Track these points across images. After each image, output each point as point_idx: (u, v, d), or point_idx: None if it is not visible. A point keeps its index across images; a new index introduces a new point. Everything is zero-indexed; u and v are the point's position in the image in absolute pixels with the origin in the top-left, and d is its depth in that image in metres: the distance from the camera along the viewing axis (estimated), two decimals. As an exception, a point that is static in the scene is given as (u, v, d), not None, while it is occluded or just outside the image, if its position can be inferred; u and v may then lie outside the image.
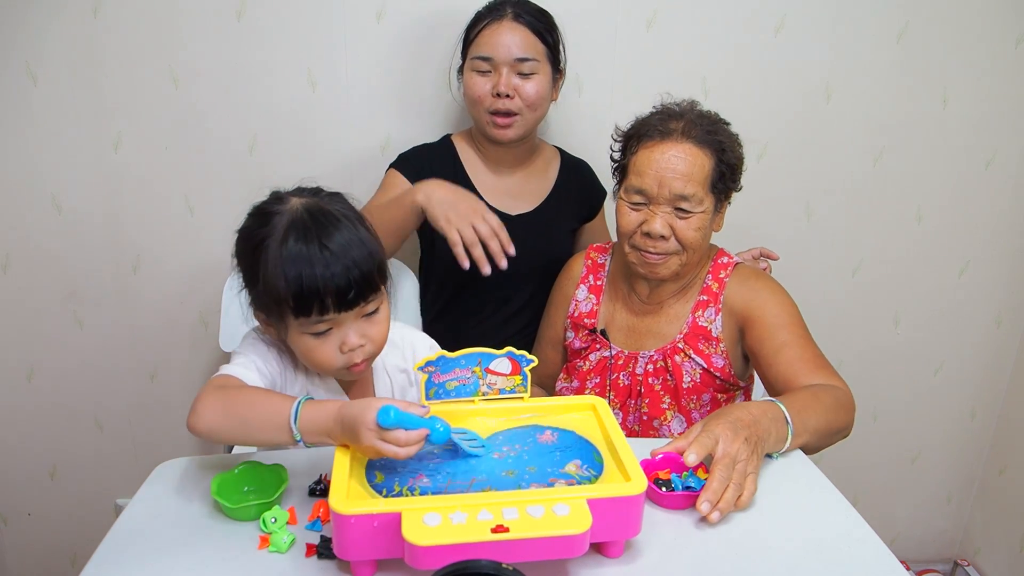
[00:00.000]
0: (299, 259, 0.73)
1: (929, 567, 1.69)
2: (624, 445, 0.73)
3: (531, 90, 1.13)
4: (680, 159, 0.96)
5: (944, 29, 1.33)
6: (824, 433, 0.87)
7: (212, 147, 1.31)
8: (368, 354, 0.81)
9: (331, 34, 1.27)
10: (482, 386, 0.80)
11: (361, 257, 0.75)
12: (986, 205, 1.46)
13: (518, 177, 1.25)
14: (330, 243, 0.74)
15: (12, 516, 1.53)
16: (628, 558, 0.69)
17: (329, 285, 0.73)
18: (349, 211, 0.79)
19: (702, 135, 0.97)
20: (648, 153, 0.97)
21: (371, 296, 0.77)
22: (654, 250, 0.99)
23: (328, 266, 0.73)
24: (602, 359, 1.09)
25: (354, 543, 0.64)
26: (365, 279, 0.75)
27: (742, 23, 1.31)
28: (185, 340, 1.44)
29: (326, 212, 0.77)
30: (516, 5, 1.14)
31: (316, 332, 0.77)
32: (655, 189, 0.97)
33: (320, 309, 0.74)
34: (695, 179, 0.96)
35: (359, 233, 0.77)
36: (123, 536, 0.73)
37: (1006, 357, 1.58)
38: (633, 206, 1.00)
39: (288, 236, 0.74)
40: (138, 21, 1.23)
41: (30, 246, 1.34)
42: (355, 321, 0.78)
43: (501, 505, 0.64)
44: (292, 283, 0.73)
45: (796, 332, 0.98)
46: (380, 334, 0.81)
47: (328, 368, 0.80)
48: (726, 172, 0.98)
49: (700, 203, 0.97)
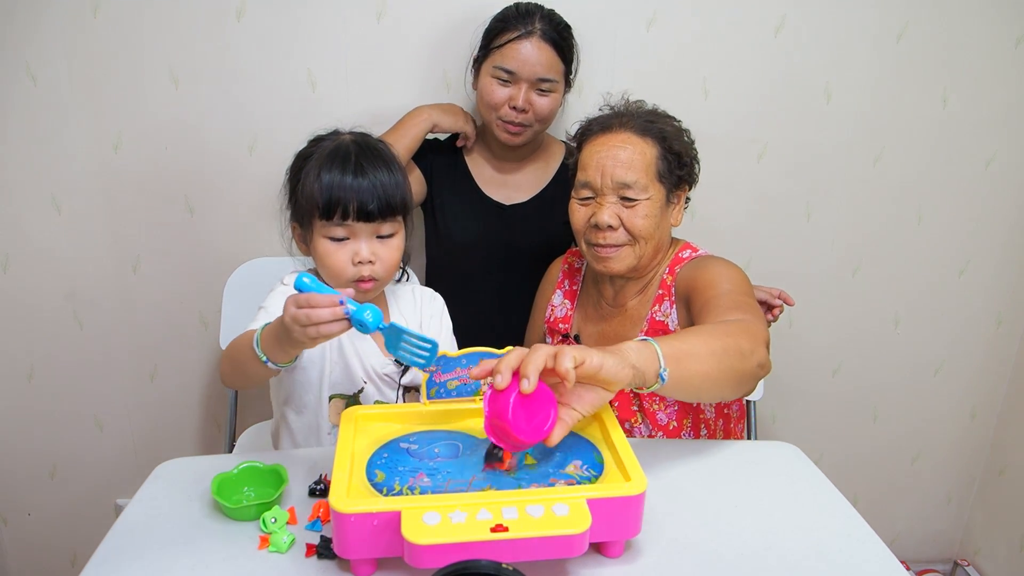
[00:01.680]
0: (335, 168, 0.86)
1: (929, 567, 1.69)
2: (624, 445, 0.73)
3: (545, 107, 1.17)
4: (620, 148, 0.97)
5: (944, 30, 1.33)
6: (714, 351, 0.78)
7: (212, 147, 1.31)
8: (375, 273, 0.89)
9: (331, 34, 1.27)
10: (483, 386, 0.80)
11: (388, 183, 0.87)
12: (986, 205, 1.46)
13: (517, 171, 1.28)
14: (366, 164, 0.87)
15: (12, 516, 1.53)
16: (628, 558, 0.69)
17: (354, 194, 0.85)
18: (391, 156, 0.92)
19: (642, 124, 0.98)
20: (591, 147, 1.00)
21: (389, 218, 0.88)
22: (604, 242, 0.99)
23: (358, 180, 0.86)
24: None
25: (354, 542, 0.64)
26: (387, 200, 0.87)
27: (742, 23, 1.31)
28: (185, 340, 1.44)
29: (372, 145, 0.90)
30: (544, 19, 1.15)
31: (335, 236, 0.88)
32: (598, 180, 0.98)
33: (343, 214, 0.85)
34: (636, 166, 0.97)
35: (392, 168, 0.89)
36: (123, 536, 0.73)
37: (1006, 357, 1.58)
38: (581, 201, 1.01)
39: (333, 153, 0.88)
40: (138, 21, 1.23)
41: (30, 246, 1.34)
42: (370, 238, 0.88)
43: (500, 504, 0.64)
44: (325, 186, 0.85)
45: (731, 287, 0.93)
46: (390, 257, 0.90)
47: (340, 276, 0.89)
48: (672, 161, 0.99)
49: (644, 190, 0.97)
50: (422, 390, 0.79)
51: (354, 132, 0.94)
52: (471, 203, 1.25)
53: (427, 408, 0.80)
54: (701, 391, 0.80)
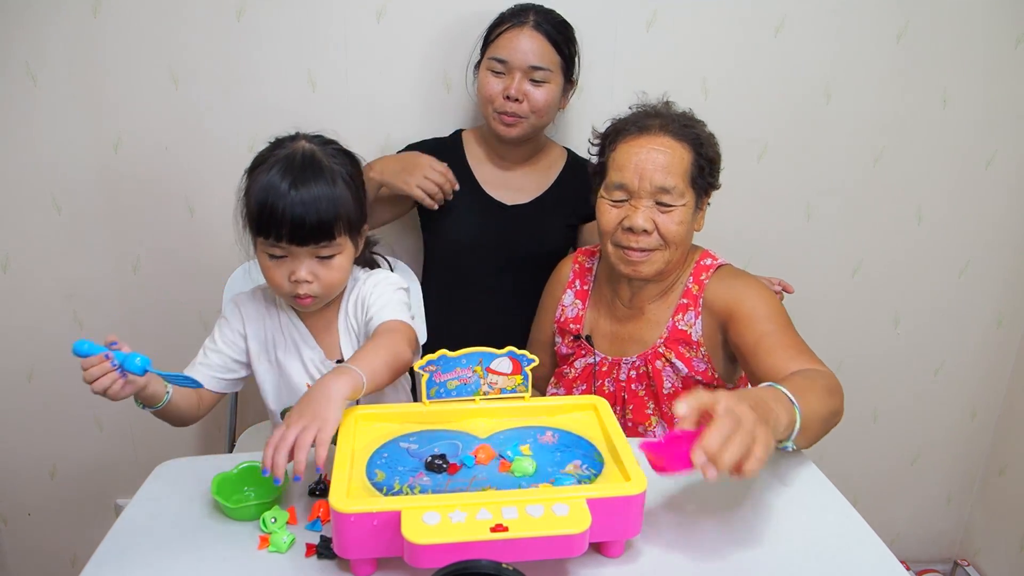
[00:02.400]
0: (271, 188, 0.84)
1: (929, 567, 1.69)
2: (624, 445, 0.73)
3: (540, 98, 1.16)
4: (660, 152, 0.96)
5: (944, 29, 1.33)
6: (824, 416, 0.82)
7: (212, 147, 1.31)
8: (314, 292, 0.88)
9: (331, 34, 1.27)
10: (483, 385, 0.80)
11: (324, 206, 0.84)
12: (986, 205, 1.46)
13: (519, 172, 1.27)
14: (302, 185, 0.84)
15: (12, 516, 1.53)
16: (628, 558, 0.69)
17: (286, 218, 0.83)
18: (342, 168, 0.89)
19: (679, 129, 0.98)
20: (628, 148, 0.98)
21: (325, 241, 0.86)
22: (636, 245, 0.97)
23: (292, 202, 0.83)
24: (587, 366, 1.08)
25: (354, 541, 0.64)
26: (320, 224, 0.84)
27: (742, 23, 1.31)
28: (185, 340, 1.44)
29: (315, 161, 0.87)
30: (539, 13, 1.16)
31: (272, 254, 0.88)
32: (636, 183, 0.96)
33: (276, 235, 0.85)
34: (675, 171, 0.96)
35: (335, 188, 0.86)
36: (123, 536, 0.73)
37: (1006, 357, 1.58)
38: (614, 203, 0.99)
39: (275, 167, 0.85)
40: (138, 21, 1.23)
41: (30, 246, 1.34)
42: (309, 258, 0.87)
43: (500, 504, 0.64)
44: (259, 205, 0.85)
45: (777, 322, 0.95)
46: (330, 278, 0.89)
47: (278, 291, 0.91)
48: (705, 167, 0.98)
49: (681, 196, 0.97)
50: (421, 390, 0.79)
51: (312, 139, 0.90)
52: (472, 201, 1.25)
53: (427, 408, 0.80)
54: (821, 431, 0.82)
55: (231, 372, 0.99)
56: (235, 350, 0.99)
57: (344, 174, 0.88)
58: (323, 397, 0.71)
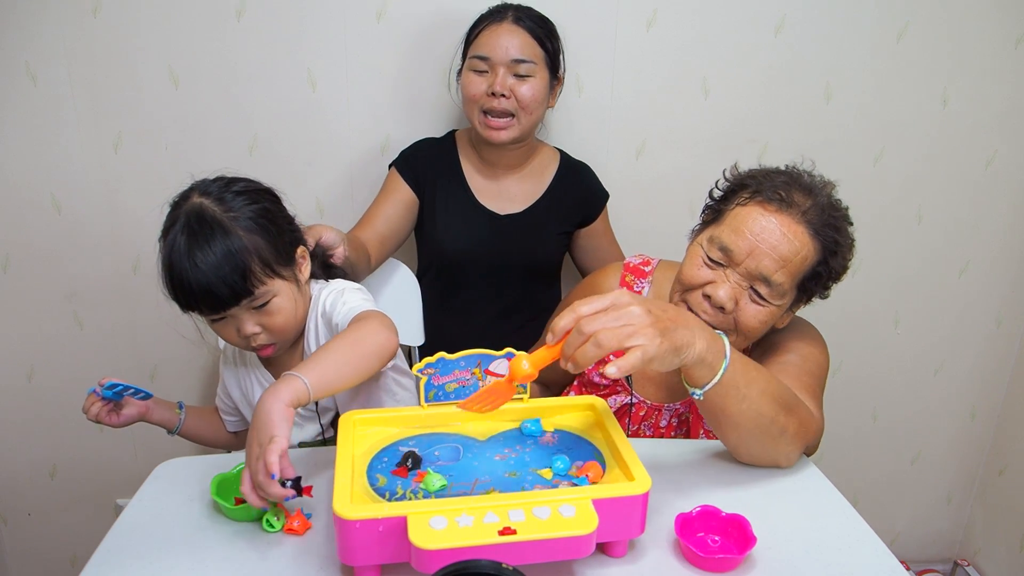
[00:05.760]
0: (175, 262, 0.81)
1: (929, 567, 1.69)
2: (626, 444, 0.73)
3: (526, 92, 1.13)
4: (787, 239, 0.82)
5: (944, 30, 1.33)
6: (762, 413, 0.73)
7: (212, 147, 1.31)
8: (268, 341, 0.87)
9: (331, 34, 1.27)
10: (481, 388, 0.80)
11: (228, 268, 0.80)
12: (986, 205, 1.46)
13: (512, 179, 1.26)
14: (200, 252, 0.80)
15: (12, 516, 1.52)
16: (632, 558, 0.69)
17: (197, 291, 0.81)
18: (241, 214, 0.83)
19: (822, 226, 0.83)
20: (755, 214, 0.83)
21: (247, 298, 0.83)
22: (706, 317, 0.85)
23: (196, 275, 0.80)
24: (622, 406, 0.97)
25: (360, 548, 0.63)
26: (232, 287, 0.81)
27: (742, 23, 1.31)
28: (185, 340, 1.43)
29: (207, 220, 0.82)
30: (517, 9, 1.15)
31: (212, 320, 0.86)
32: (743, 256, 0.83)
33: (200, 310, 0.83)
34: (790, 268, 0.82)
35: (231, 242, 0.81)
36: (123, 536, 0.73)
37: (1006, 357, 1.58)
38: (709, 261, 0.86)
39: (171, 241, 0.82)
40: (138, 21, 1.23)
41: (30, 246, 1.34)
42: (247, 312, 0.85)
43: (507, 507, 0.63)
44: (169, 282, 0.83)
45: (807, 364, 0.87)
46: (276, 323, 0.86)
47: (236, 347, 0.92)
48: (824, 274, 0.86)
49: (781, 296, 0.84)
50: (419, 393, 0.79)
51: (210, 187, 0.85)
52: (464, 210, 1.23)
53: (425, 411, 0.79)
54: (737, 416, 0.74)
55: (238, 415, 1.04)
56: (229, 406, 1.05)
57: (245, 218, 0.83)
58: (263, 418, 0.69)
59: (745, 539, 0.69)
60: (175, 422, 0.98)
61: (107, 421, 0.92)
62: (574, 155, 1.31)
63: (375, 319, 0.82)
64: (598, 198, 1.29)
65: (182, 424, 0.99)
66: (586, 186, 1.29)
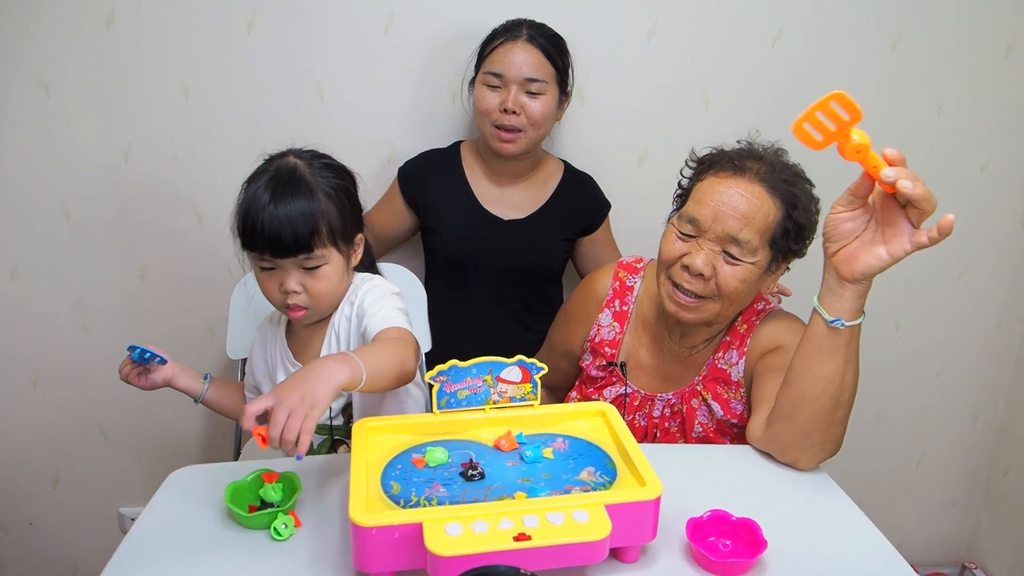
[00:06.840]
0: (253, 204, 0.87)
1: (937, 570, 1.69)
2: (636, 450, 0.74)
3: (536, 110, 1.17)
4: (744, 199, 0.87)
5: (937, 39, 1.36)
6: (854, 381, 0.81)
7: (221, 157, 1.32)
8: (304, 303, 0.91)
9: (339, 46, 1.28)
10: (493, 395, 0.81)
11: (301, 221, 0.86)
12: (983, 209, 1.48)
13: (516, 187, 1.28)
14: (282, 201, 0.86)
15: (13, 525, 1.52)
16: (644, 563, 0.70)
17: (266, 233, 0.86)
18: (325, 181, 0.90)
19: (777, 182, 0.88)
20: (713, 183, 0.90)
21: (305, 253, 0.88)
22: (688, 287, 0.90)
23: (271, 218, 0.86)
24: (618, 396, 1.02)
25: (376, 555, 0.64)
26: (297, 238, 0.86)
27: (741, 33, 1.33)
28: (192, 348, 1.44)
29: (297, 176, 0.89)
30: (532, 27, 1.18)
31: (262, 267, 0.91)
32: (708, 222, 0.88)
33: (259, 249, 0.88)
34: (754, 225, 0.87)
35: (314, 203, 0.88)
36: (137, 544, 0.73)
37: (1007, 359, 1.59)
38: (681, 235, 0.91)
39: (259, 183, 0.88)
40: (150, 33, 1.24)
41: (38, 254, 1.35)
42: (297, 269, 0.89)
43: (521, 513, 0.64)
44: (242, 220, 0.88)
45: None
46: (318, 288, 0.90)
47: (273, 302, 0.94)
48: (791, 230, 0.89)
49: (752, 253, 0.88)
50: (432, 400, 0.79)
51: (302, 154, 0.93)
52: (469, 215, 1.25)
53: (437, 418, 0.80)
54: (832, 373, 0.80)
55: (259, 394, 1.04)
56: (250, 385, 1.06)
57: (328, 187, 0.90)
58: (317, 377, 0.68)
59: (756, 543, 0.70)
60: (199, 390, 0.99)
61: (136, 383, 0.95)
62: (577, 162, 1.33)
63: (412, 346, 0.85)
64: (600, 208, 1.32)
65: (204, 393, 1.00)
66: (589, 196, 1.31)
